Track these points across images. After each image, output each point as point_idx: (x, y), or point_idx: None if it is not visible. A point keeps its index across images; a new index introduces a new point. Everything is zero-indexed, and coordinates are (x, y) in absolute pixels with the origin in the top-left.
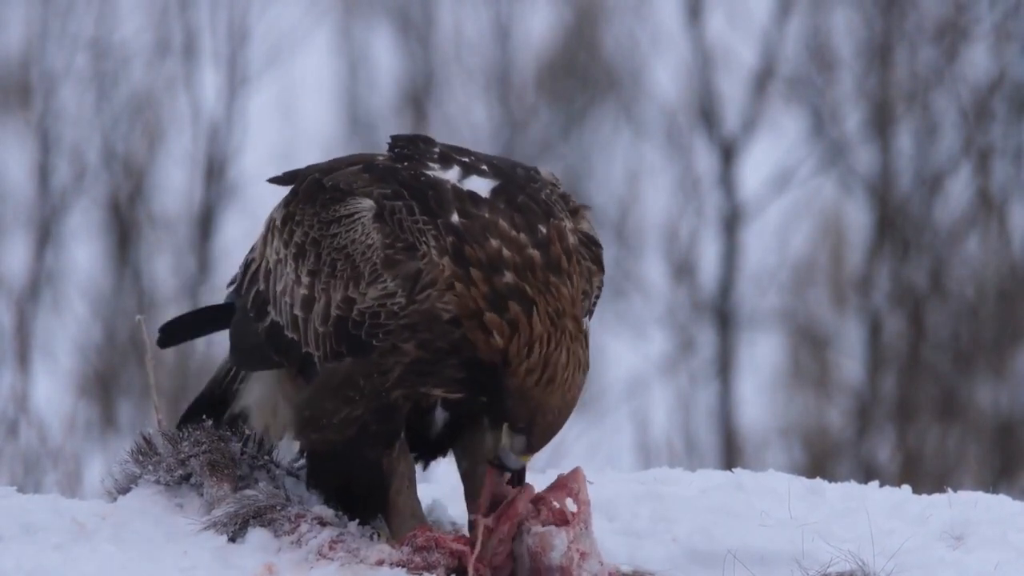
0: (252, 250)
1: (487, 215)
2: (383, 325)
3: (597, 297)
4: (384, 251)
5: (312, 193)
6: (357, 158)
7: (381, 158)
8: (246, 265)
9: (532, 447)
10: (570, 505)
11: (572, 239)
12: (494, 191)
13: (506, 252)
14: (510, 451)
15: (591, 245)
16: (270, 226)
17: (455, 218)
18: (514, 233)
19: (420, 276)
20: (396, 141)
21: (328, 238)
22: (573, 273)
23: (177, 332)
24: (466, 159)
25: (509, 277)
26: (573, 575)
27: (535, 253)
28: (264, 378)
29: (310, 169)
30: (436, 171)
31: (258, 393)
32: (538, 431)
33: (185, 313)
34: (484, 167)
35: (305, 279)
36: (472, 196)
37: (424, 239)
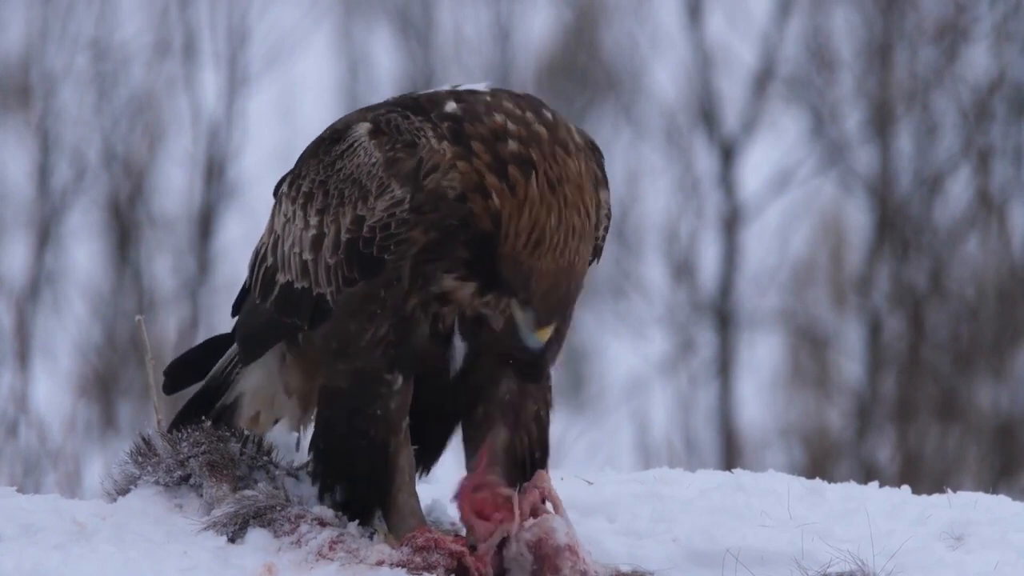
0: (260, 239)
1: (489, 99)
2: (394, 235)
3: (606, 230)
4: (385, 156)
5: (316, 147)
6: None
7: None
8: (255, 254)
9: (539, 319)
10: (547, 505)
11: (577, 137)
12: (492, 87)
13: (511, 125)
14: (526, 329)
15: (595, 152)
16: (277, 200)
17: (450, 106)
18: (519, 112)
19: (422, 165)
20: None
21: (334, 174)
22: (579, 159)
23: (183, 375)
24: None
25: (513, 145)
26: (580, 554)
27: (541, 129)
28: (262, 366)
29: None
30: (428, 92)
31: (255, 381)
32: (537, 299)
33: (188, 351)
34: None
35: (314, 220)
36: (470, 91)
37: (422, 133)
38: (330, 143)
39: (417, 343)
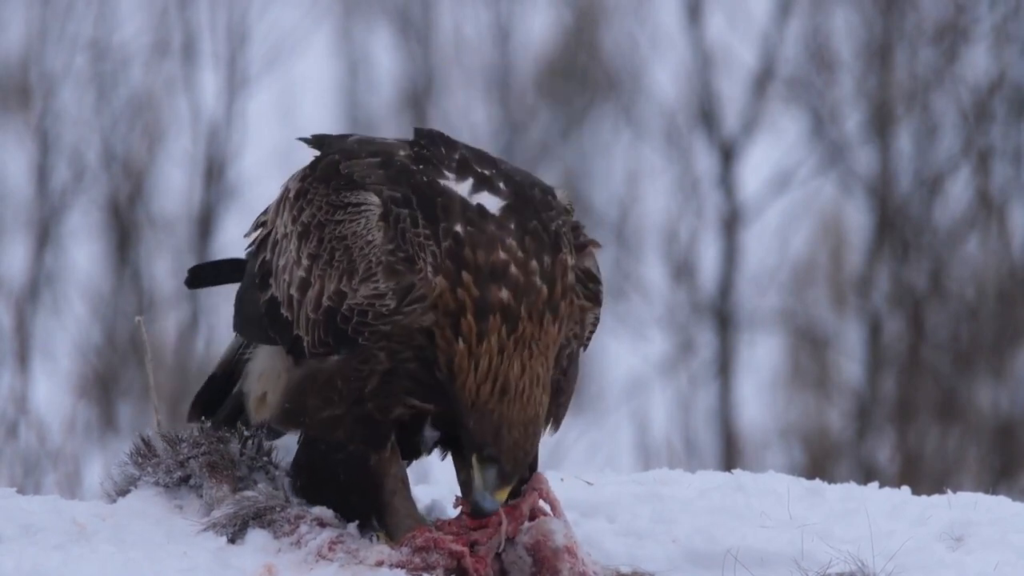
0: (266, 212)
1: (494, 230)
2: (370, 324)
3: (591, 333)
4: (384, 256)
5: (328, 174)
6: (380, 148)
7: (403, 153)
8: (257, 223)
9: (504, 474)
10: (544, 506)
11: (571, 276)
12: (504, 209)
13: (513, 270)
14: (484, 490)
15: (589, 282)
16: (284, 196)
17: (459, 227)
18: (521, 255)
19: (412, 290)
20: (419, 135)
21: (332, 224)
22: (565, 317)
23: (204, 276)
24: (485, 171)
25: (506, 296)
26: (578, 556)
27: (543, 286)
28: (269, 348)
29: (339, 144)
30: (450, 181)
31: (263, 362)
32: (507, 450)
33: (211, 261)
34: (501, 183)
35: (305, 261)
36: (480, 210)
37: (423, 254)
38: (342, 185)
39: (383, 429)
